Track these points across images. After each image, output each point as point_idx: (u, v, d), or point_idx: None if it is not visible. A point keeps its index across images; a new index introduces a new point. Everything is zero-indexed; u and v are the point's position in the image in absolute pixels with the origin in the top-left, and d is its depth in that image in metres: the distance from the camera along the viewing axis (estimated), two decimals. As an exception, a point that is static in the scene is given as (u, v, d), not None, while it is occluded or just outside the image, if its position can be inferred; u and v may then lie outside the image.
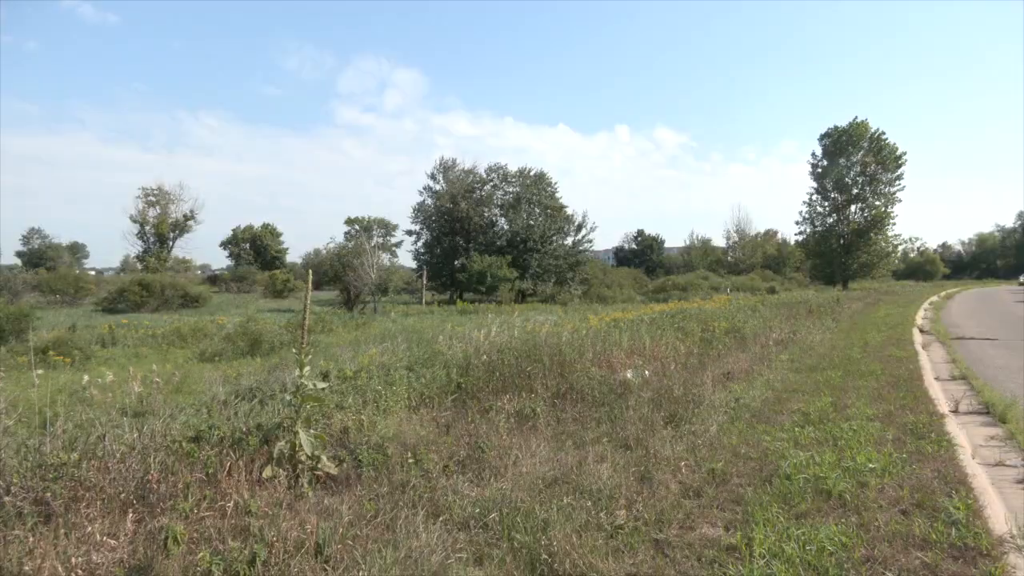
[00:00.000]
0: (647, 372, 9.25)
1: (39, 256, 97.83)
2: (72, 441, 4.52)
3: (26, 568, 3.33)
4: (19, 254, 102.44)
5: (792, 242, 76.82)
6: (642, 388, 8.29)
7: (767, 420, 7.37)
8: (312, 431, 5.18)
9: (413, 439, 5.89)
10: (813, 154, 58.90)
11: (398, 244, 77.80)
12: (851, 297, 37.64)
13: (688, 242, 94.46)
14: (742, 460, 5.82)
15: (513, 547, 3.97)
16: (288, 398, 5.28)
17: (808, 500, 4.74)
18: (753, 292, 42.61)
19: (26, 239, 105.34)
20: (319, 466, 5.02)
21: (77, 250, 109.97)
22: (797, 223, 62.29)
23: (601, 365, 9.26)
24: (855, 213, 57.64)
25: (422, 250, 56.82)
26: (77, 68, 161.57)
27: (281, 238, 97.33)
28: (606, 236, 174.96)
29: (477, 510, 4.49)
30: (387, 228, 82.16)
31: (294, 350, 5.83)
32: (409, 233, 58.80)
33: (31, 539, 3.62)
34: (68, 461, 4.19)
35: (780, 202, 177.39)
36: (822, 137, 58.24)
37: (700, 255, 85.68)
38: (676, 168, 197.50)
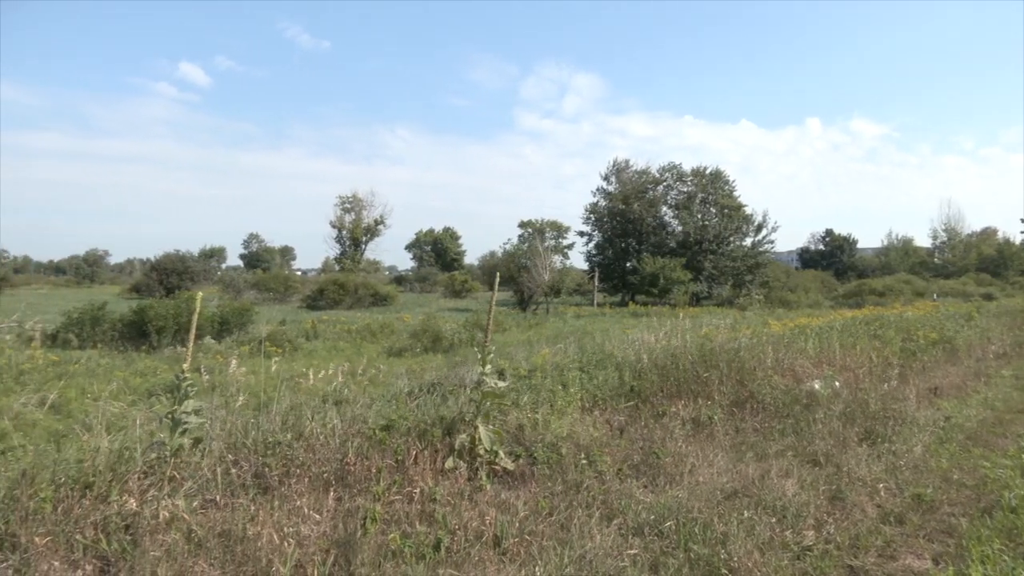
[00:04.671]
0: (837, 383, 8.54)
1: (256, 258, 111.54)
2: (287, 423, 5.09)
3: (249, 533, 3.79)
4: (241, 256, 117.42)
5: (1017, 242, 67.01)
6: (832, 400, 7.67)
7: (985, 444, 6.50)
8: (490, 426, 5.39)
9: (586, 440, 5.92)
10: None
11: (570, 246, 78.74)
12: (1096, 305, 32.02)
13: (886, 242, 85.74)
14: (954, 487, 5.18)
15: (690, 558, 3.85)
16: (469, 393, 5.53)
17: (1040, 539, 4.12)
18: (966, 298, 37.88)
19: (246, 243, 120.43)
20: (496, 460, 5.21)
21: (287, 253, 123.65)
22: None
23: (784, 374, 8.70)
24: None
25: (594, 252, 56.83)
26: (294, 91, 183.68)
27: (460, 241, 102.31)
28: (790, 236, 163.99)
29: (652, 516, 4.41)
30: (559, 230, 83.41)
31: (475, 348, 6.10)
32: (581, 235, 59.17)
33: (252, 508, 4.12)
34: (284, 440, 4.73)
35: (1003, 197, 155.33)
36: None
37: (900, 256, 77.31)
38: (875, 162, 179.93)
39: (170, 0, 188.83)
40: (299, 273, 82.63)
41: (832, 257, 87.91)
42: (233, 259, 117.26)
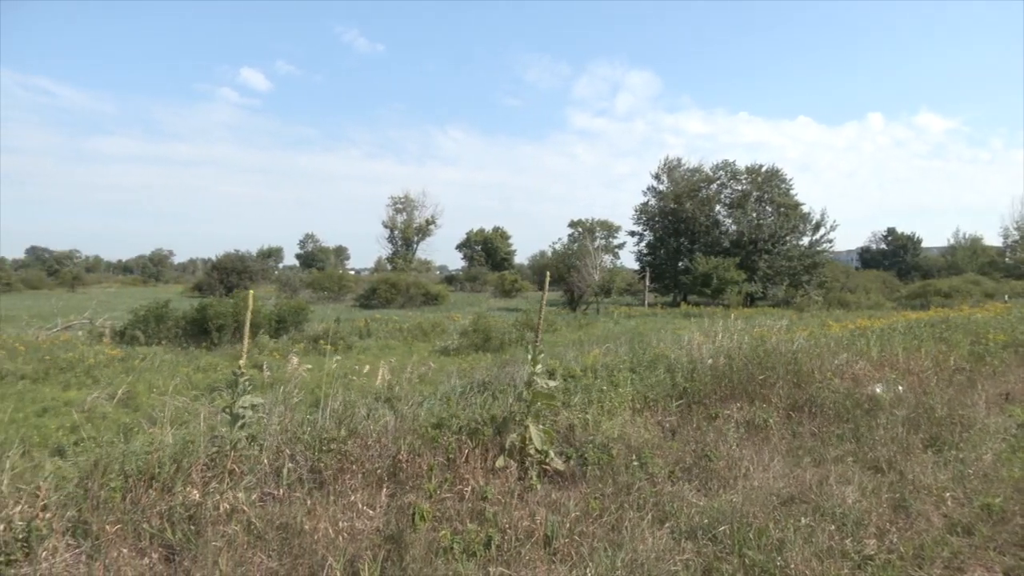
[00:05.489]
0: (900, 387, 8.23)
1: (312, 258, 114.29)
2: (341, 419, 5.20)
3: (305, 527, 3.89)
4: (297, 256, 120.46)
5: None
6: (894, 405, 7.39)
7: (1062, 453, 6.16)
8: (541, 426, 5.38)
9: (637, 442, 5.86)
10: None
11: (620, 246, 78.01)
12: None
13: (952, 241, 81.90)
14: (1028, 498, 4.93)
15: (744, 564, 3.77)
16: (521, 391, 5.52)
17: (1124, 555, 3.88)
18: (1040, 299, 36.00)
19: (302, 243, 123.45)
20: (547, 460, 5.20)
21: (341, 252, 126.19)
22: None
23: (844, 377, 8.43)
24: None
25: (645, 251, 56.14)
26: (350, 93, 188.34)
27: (510, 240, 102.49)
28: (850, 236, 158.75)
29: (705, 520, 4.33)
30: (610, 230, 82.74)
31: (528, 347, 6.11)
32: (632, 234, 58.48)
33: (309, 502, 4.23)
34: (339, 437, 4.83)
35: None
36: None
37: (968, 256, 73.66)
38: (942, 157, 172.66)
39: (232, 8, 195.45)
40: (352, 272, 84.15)
41: (895, 257, 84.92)
42: (289, 259, 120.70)
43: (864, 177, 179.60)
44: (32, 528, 3.49)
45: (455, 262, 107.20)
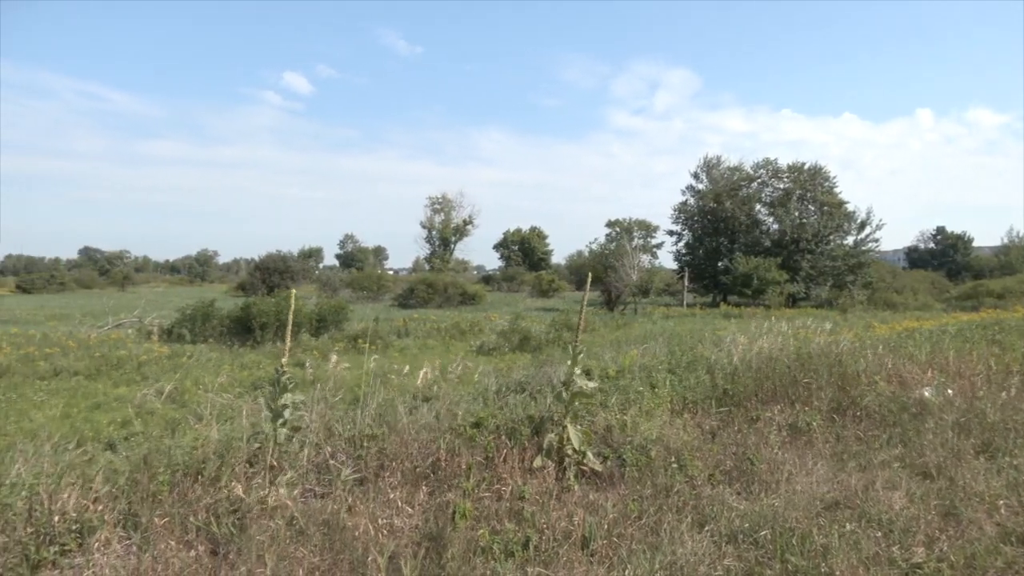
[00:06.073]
0: (950, 391, 7.97)
1: (351, 258, 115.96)
2: (381, 417, 5.27)
3: (347, 523, 3.95)
4: (337, 256, 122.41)
5: None
6: (944, 409, 7.17)
7: (1125, 461, 5.89)
8: (579, 427, 5.37)
9: (676, 444, 5.79)
10: None
11: (658, 245, 77.29)
12: None
13: (1006, 240, 79.03)
14: (1087, 508, 4.73)
15: (787, 570, 3.70)
16: (561, 391, 5.51)
17: None
18: (1101, 301, 34.48)
19: (342, 243, 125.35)
20: (585, 461, 5.18)
21: (379, 253, 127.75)
22: None
23: (890, 380, 8.21)
24: None
25: (683, 251, 55.48)
26: (390, 95, 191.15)
27: (547, 240, 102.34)
28: (897, 235, 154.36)
29: (746, 524, 4.26)
30: (647, 229, 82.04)
31: (563, 348, 6.10)
32: (670, 234, 57.84)
33: (350, 499, 4.29)
34: (379, 434, 4.89)
35: None
36: None
37: (1022, 256, 71.02)
38: (994, 154, 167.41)
39: (274, 12, 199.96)
40: (391, 272, 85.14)
41: (944, 256, 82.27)
42: (330, 259, 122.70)
43: (912, 175, 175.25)
44: (84, 519, 3.62)
45: (492, 262, 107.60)
